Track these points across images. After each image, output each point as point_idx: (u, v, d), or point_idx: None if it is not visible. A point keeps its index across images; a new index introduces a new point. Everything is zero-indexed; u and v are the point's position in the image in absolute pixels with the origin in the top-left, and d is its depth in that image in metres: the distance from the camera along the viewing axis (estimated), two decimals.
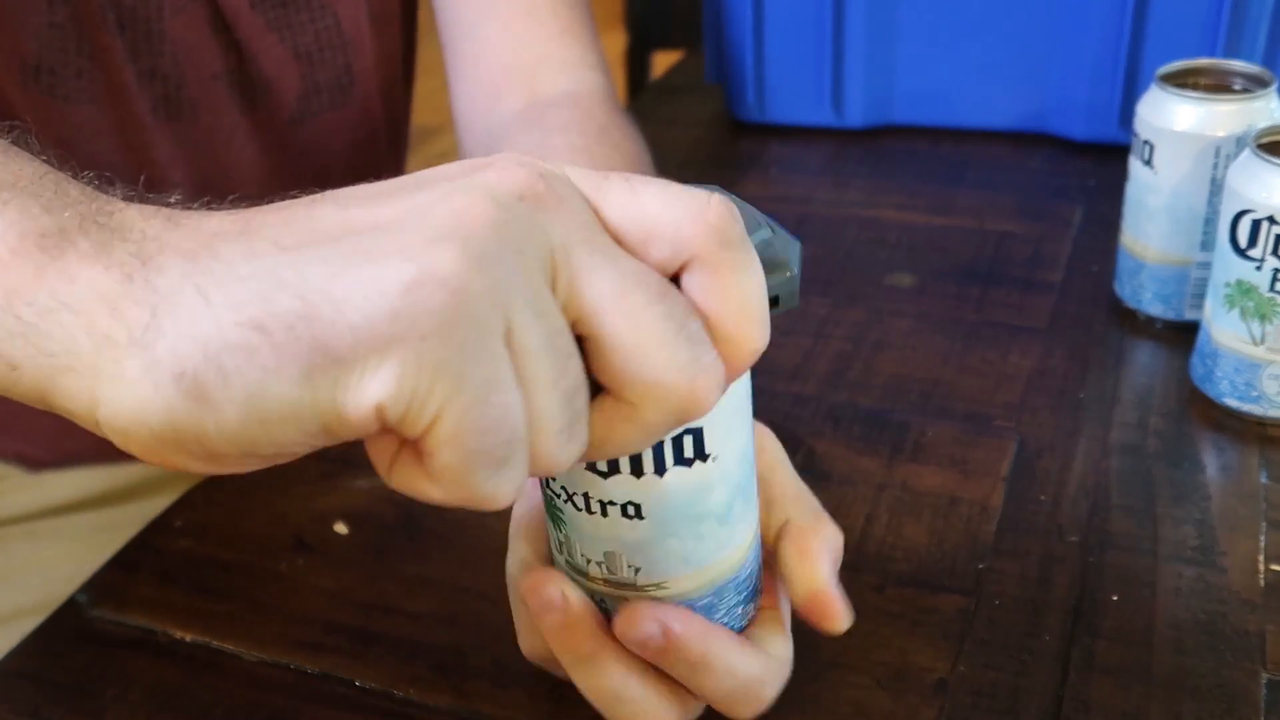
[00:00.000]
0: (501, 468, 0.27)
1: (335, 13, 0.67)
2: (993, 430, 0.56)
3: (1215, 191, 0.59)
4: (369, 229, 0.27)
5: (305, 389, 0.26)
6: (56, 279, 0.27)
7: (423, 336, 0.25)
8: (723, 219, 0.30)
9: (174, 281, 0.27)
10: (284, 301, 0.26)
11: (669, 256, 0.30)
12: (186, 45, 0.63)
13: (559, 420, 0.28)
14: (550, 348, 0.28)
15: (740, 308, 0.30)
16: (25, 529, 0.70)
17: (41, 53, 0.59)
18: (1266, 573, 0.47)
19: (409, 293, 0.26)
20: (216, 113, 0.66)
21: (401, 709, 0.44)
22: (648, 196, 0.30)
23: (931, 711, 0.42)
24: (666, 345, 0.29)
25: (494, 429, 0.27)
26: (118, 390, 0.27)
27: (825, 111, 0.87)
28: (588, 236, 0.29)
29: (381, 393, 0.26)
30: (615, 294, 0.29)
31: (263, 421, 0.26)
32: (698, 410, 0.30)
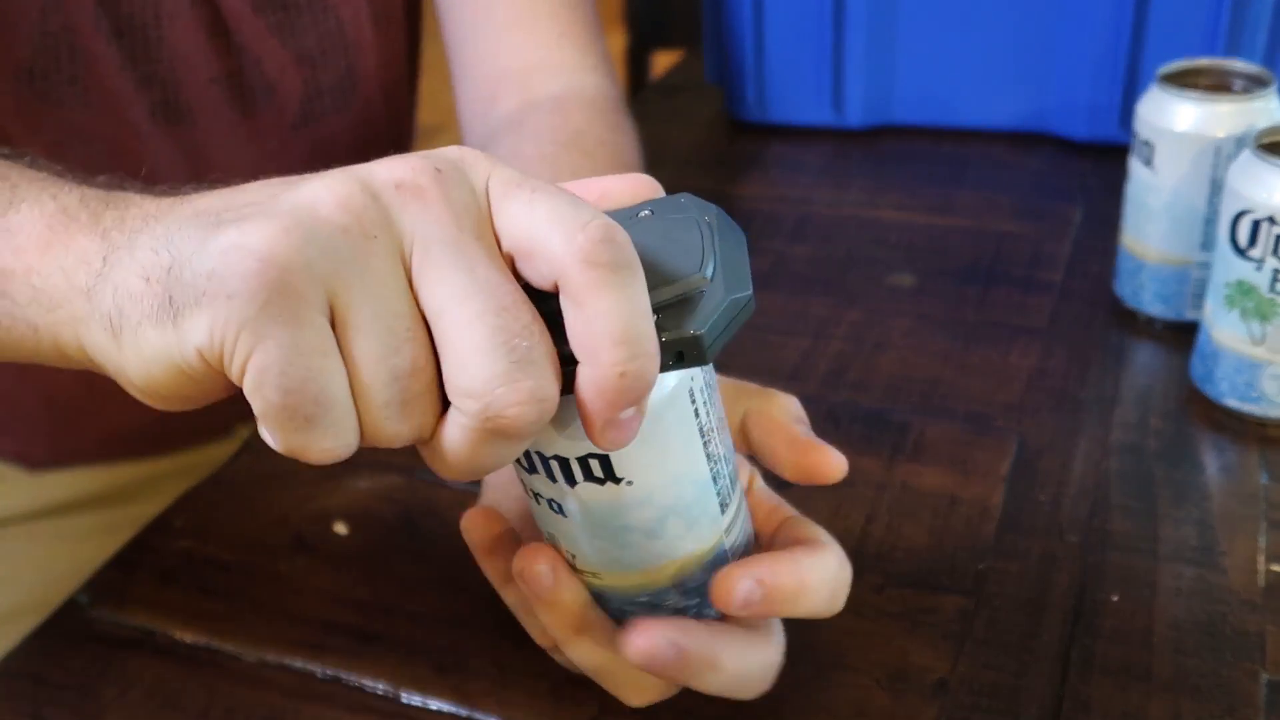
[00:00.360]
0: (311, 426, 0.30)
1: (338, 15, 0.67)
2: (993, 430, 0.56)
3: (1215, 191, 0.59)
4: (247, 202, 0.31)
5: (159, 331, 0.30)
6: (59, 251, 0.33)
7: (229, 296, 0.28)
8: (593, 242, 0.29)
9: (123, 240, 0.32)
10: (162, 257, 0.30)
11: (545, 274, 0.30)
12: (184, 50, 0.63)
13: (382, 395, 0.30)
14: (378, 327, 0.30)
15: (601, 330, 0.29)
16: (25, 529, 0.70)
17: (35, 59, 0.59)
18: (1266, 573, 0.47)
19: (224, 255, 0.29)
20: (213, 117, 0.65)
21: (401, 709, 0.44)
22: (540, 211, 0.31)
23: (931, 711, 0.42)
24: (483, 357, 0.29)
25: (297, 389, 0.29)
26: (89, 335, 0.33)
27: (825, 111, 0.87)
28: (453, 236, 0.30)
29: (198, 339, 0.29)
30: (454, 297, 0.30)
31: (144, 360, 0.31)
32: (510, 429, 0.30)
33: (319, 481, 0.55)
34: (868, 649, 0.45)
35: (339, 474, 0.55)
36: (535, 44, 0.66)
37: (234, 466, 0.56)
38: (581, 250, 0.29)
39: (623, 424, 0.30)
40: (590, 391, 0.30)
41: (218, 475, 0.56)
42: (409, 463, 0.55)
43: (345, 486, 0.54)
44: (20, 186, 0.36)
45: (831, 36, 0.83)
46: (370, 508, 0.53)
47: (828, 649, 0.45)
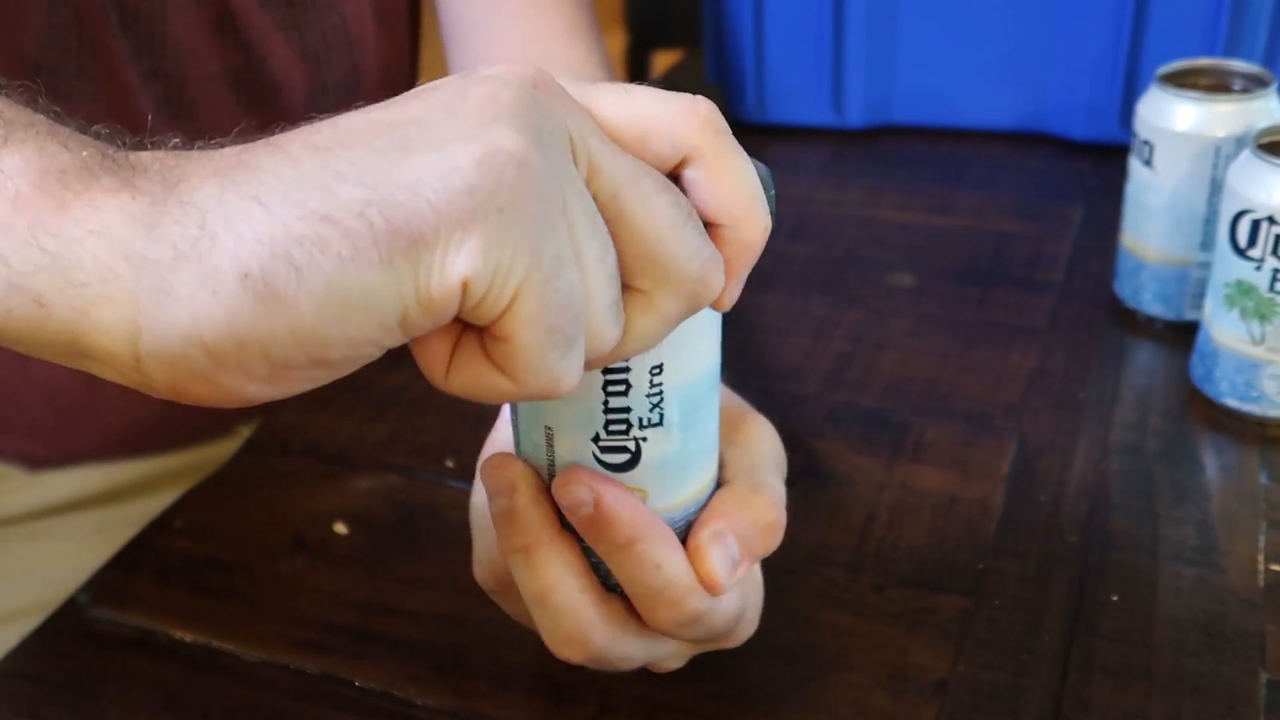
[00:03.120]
0: (571, 346, 0.28)
1: (342, 12, 0.67)
2: (993, 430, 0.56)
3: (1215, 191, 0.59)
4: (410, 122, 0.27)
5: (387, 273, 0.25)
6: (82, 210, 0.26)
7: (501, 209, 0.26)
8: (714, 112, 0.31)
9: (213, 195, 0.26)
10: (348, 191, 0.25)
11: (669, 152, 0.31)
12: (191, 45, 0.63)
13: (607, 296, 0.29)
14: (593, 225, 0.28)
15: (744, 192, 0.31)
16: (25, 529, 0.70)
17: (42, 52, 0.59)
18: (1266, 573, 0.47)
19: (481, 167, 0.26)
20: (219, 112, 0.66)
21: (401, 709, 0.44)
22: (640, 96, 0.31)
23: (931, 711, 0.42)
24: (679, 230, 0.30)
25: (566, 304, 0.27)
26: (166, 310, 0.25)
27: (825, 111, 0.87)
28: (595, 129, 0.30)
29: (467, 267, 0.26)
30: (628, 180, 0.29)
31: (341, 316, 0.26)
32: (709, 295, 0.31)
33: (319, 481, 0.55)
34: (868, 649, 0.45)
35: (339, 474, 0.55)
36: (544, 39, 0.66)
37: (234, 466, 0.56)
38: (708, 120, 0.31)
39: (744, 281, 0.32)
40: (738, 250, 0.31)
41: (218, 475, 0.56)
42: (409, 463, 0.55)
43: (345, 486, 0.54)
44: (17, 124, 0.28)
45: (831, 36, 0.83)
46: (370, 508, 0.53)
47: (828, 649, 0.45)
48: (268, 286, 0.25)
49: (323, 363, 0.27)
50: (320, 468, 0.55)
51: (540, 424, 0.36)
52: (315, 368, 0.27)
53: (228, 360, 0.26)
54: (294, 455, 0.56)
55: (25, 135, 0.28)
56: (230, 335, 0.25)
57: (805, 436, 0.56)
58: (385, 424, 0.58)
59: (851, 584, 0.48)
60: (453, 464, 0.55)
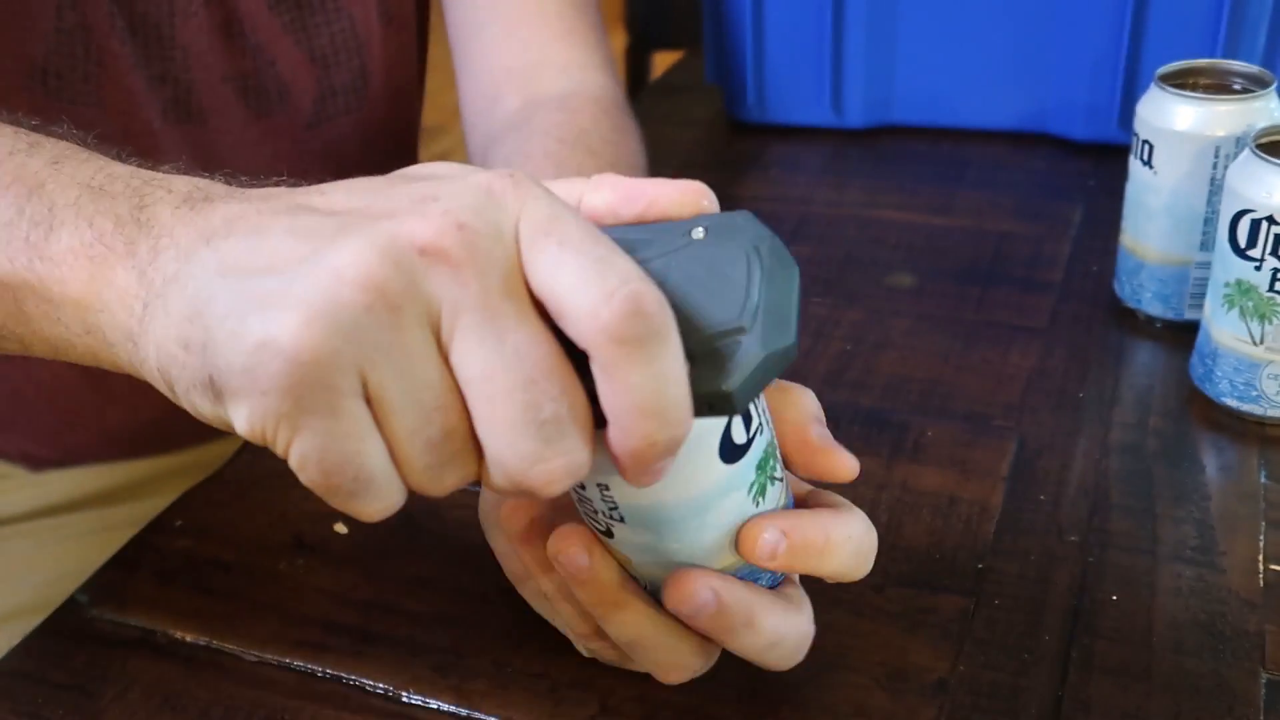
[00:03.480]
0: (355, 497, 0.31)
1: (350, 15, 0.67)
2: (993, 430, 0.56)
3: (1215, 191, 0.59)
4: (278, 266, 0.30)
5: (209, 404, 0.31)
6: (102, 285, 0.34)
7: (263, 393, 0.29)
8: (619, 316, 0.29)
9: (159, 285, 0.32)
10: (199, 328, 0.31)
11: (575, 338, 0.30)
12: (198, 50, 0.63)
13: (421, 461, 0.31)
14: (411, 403, 0.30)
15: (631, 403, 0.29)
16: (25, 529, 0.70)
17: (49, 57, 0.59)
18: (1266, 573, 0.47)
19: (255, 353, 0.29)
20: (226, 116, 0.65)
21: (401, 709, 0.44)
22: (566, 271, 0.30)
23: (931, 711, 0.42)
24: (514, 432, 0.30)
25: (338, 469, 0.30)
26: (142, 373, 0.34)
27: (825, 111, 0.87)
28: (482, 302, 0.30)
29: (241, 426, 0.30)
30: (483, 371, 0.30)
31: (203, 417, 0.32)
32: (537, 494, 0.31)
33: None
34: (868, 649, 0.45)
35: None
36: (541, 42, 0.66)
37: (234, 466, 0.56)
38: (607, 326, 0.29)
39: (654, 472, 0.31)
40: (620, 451, 0.31)
41: (218, 475, 0.56)
42: None
43: None
44: (58, 206, 0.35)
45: (831, 37, 0.83)
46: None
47: (828, 649, 0.45)
48: (165, 383, 0.33)
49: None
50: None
51: None
52: None
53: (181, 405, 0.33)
54: None
55: (64, 215, 0.35)
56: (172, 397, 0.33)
57: None
58: None
59: (851, 584, 0.48)
60: None
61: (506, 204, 0.31)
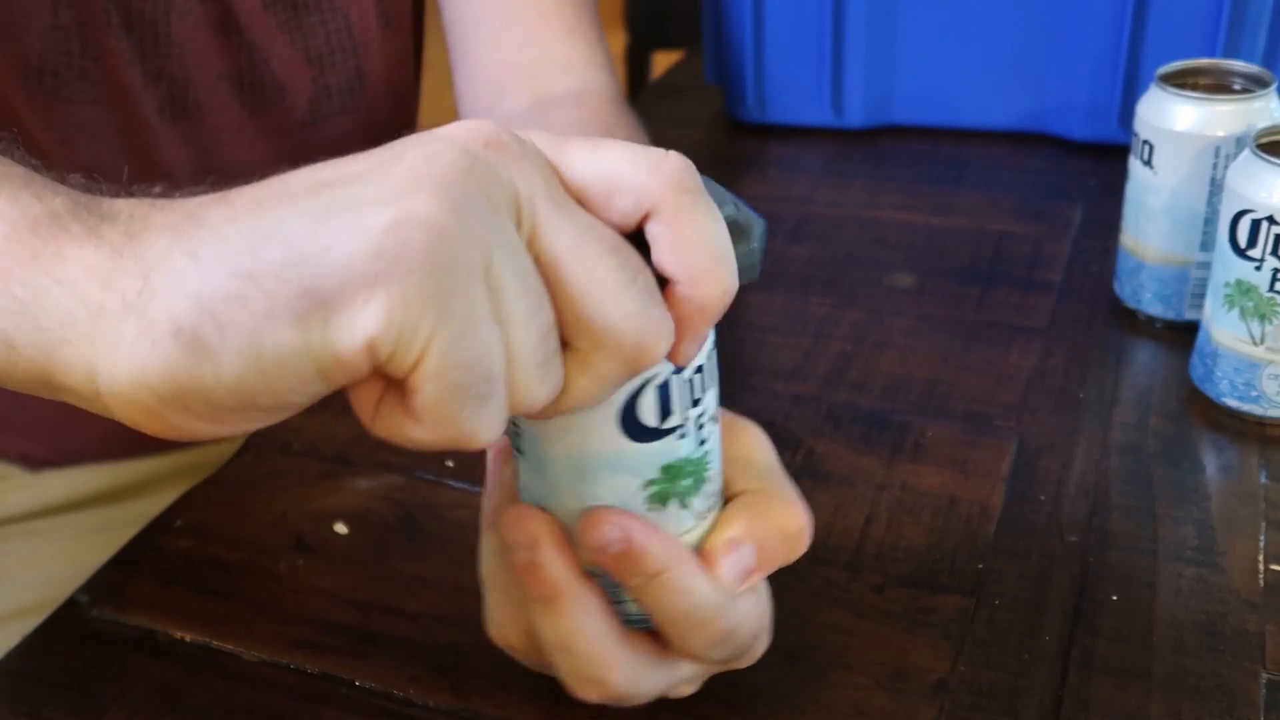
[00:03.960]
0: (483, 404, 0.29)
1: (346, 15, 0.67)
2: (993, 430, 0.56)
3: (1215, 191, 0.59)
4: (342, 182, 0.29)
5: (299, 331, 0.27)
6: (50, 259, 0.29)
7: (407, 272, 0.27)
8: (679, 169, 0.31)
9: (162, 250, 0.28)
10: (271, 251, 0.27)
11: (631, 207, 0.31)
12: (194, 47, 0.63)
13: (535, 357, 0.29)
14: (524, 286, 0.29)
15: (702, 251, 0.31)
16: (25, 529, 0.70)
17: (44, 54, 0.59)
18: (1266, 573, 0.47)
19: (390, 232, 0.27)
20: (222, 113, 0.65)
21: (401, 709, 0.44)
22: (609, 152, 0.31)
23: (931, 711, 0.42)
24: (618, 294, 0.30)
25: (476, 363, 0.28)
26: (115, 355, 0.28)
27: (825, 111, 0.87)
28: (548, 190, 0.30)
29: (371, 328, 0.27)
30: (572, 243, 0.30)
31: (260, 369, 0.27)
32: (647, 360, 0.31)
33: (319, 481, 0.55)
34: (868, 649, 0.45)
35: (339, 474, 0.55)
36: (543, 39, 0.66)
37: (234, 466, 0.56)
38: (671, 177, 0.31)
39: (703, 339, 0.32)
40: (693, 309, 0.31)
41: (218, 475, 0.56)
42: (409, 463, 0.55)
43: (345, 486, 0.54)
44: None
45: (831, 37, 0.83)
46: (370, 508, 0.53)
47: (828, 649, 0.45)
48: (196, 340, 0.27)
49: (257, 408, 0.28)
50: (320, 468, 0.55)
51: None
52: (252, 411, 0.29)
53: (171, 403, 0.28)
54: (294, 455, 0.56)
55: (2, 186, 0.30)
56: (170, 382, 0.27)
57: (805, 436, 0.56)
58: None
59: (851, 584, 0.48)
60: (453, 464, 0.55)
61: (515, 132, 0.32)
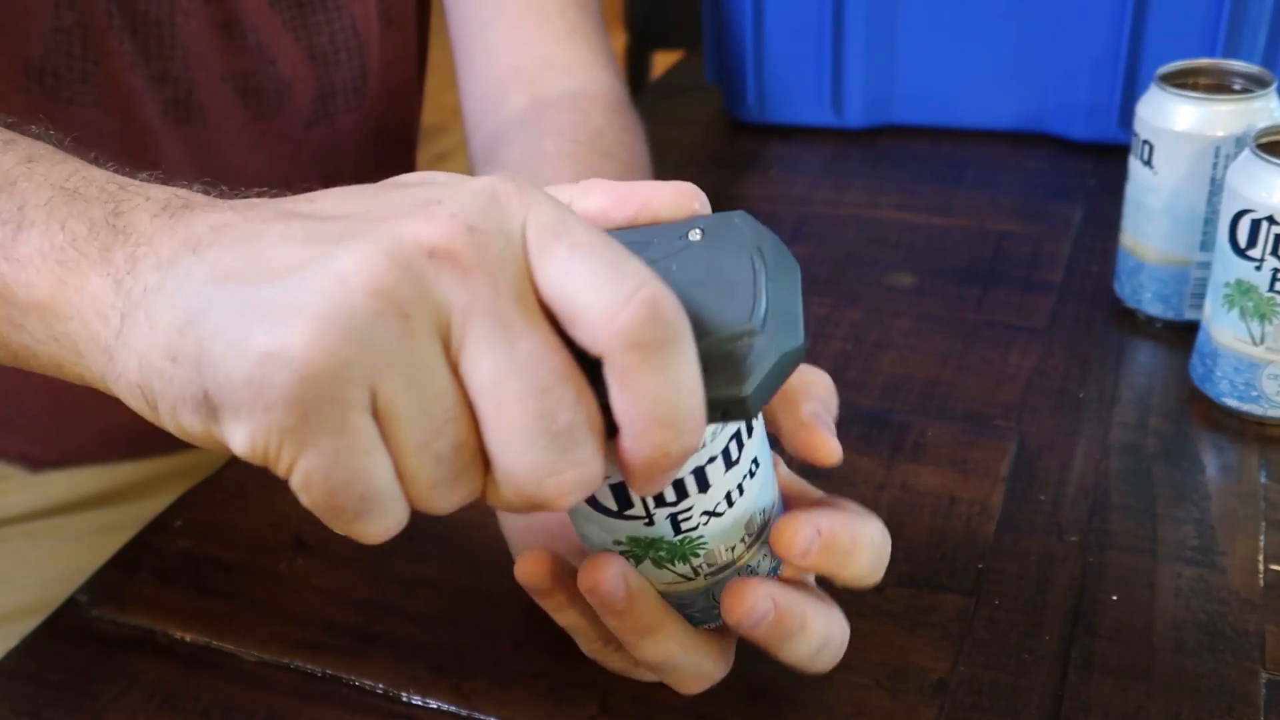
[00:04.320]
0: (360, 517, 0.29)
1: (350, 14, 0.67)
2: (993, 430, 0.56)
3: (1215, 191, 0.59)
4: (279, 272, 0.29)
5: (199, 421, 0.30)
6: (73, 292, 0.32)
7: (267, 408, 0.28)
8: (638, 322, 0.28)
9: (140, 291, 0.31)
10: (190, 340, 0.29)
11: (588, 345, 0.29)
12: (198, 49, 0.63)
13: (430, 478, 0.30)
14: (421, 414, 0.29)
15: (646, 411, 0.29)
16: (25, 529, 0.70)
17: (46, 56, 0.59)
18: (1266, 573, 0.47)
19: (260, 365, 0.27)
20: (225, 116, 0.65)
21: (401, 709, 0.44)
22: (578, 275, 0.29)
23: (931, 711, 0.42)
24: (526, 439, 0.29)
25: (344, 488, 0.28)
26: (118, 389, 0.32)
27: (825, 111, 0.87)
28: (493, 307, 0.29)
29: (240, 444, 0.29)
30: (494, 378, 0.29)
31: (187, 434, 0.30)
32: (548, 507, 0.30)
33: None
34: (868, 649, 0.45)
35: None
36: (546, 41, 0.66)
37: (234, 466, 0.56)
38: (624, 332, 0.28)
39: (660, 483, 0.31)
40: (632, 460, 0.29)
41: (218, 475, 0.56)
42: None
43: None
44: (29, 205, 0.33)
45: (831, 36, 0.83)
46: None
47: None
48: (146, 400, 0.31)
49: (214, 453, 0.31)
50: None
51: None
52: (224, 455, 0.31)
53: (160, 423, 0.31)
54: None
55: (35, 215, 0.33)
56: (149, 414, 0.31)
57: None
58: None
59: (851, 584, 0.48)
60: None
61: (512, 208, 0.30)
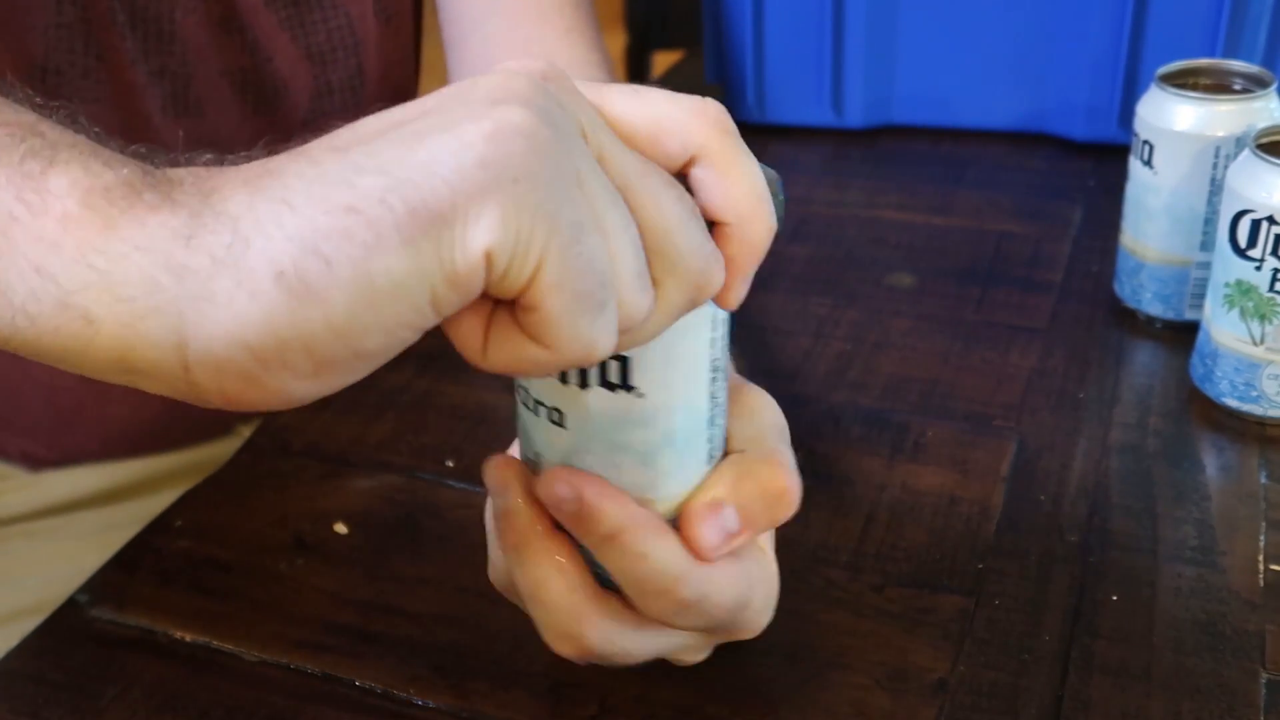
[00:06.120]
0: (602, 311, 0.28)
1: (347, 12, 0.67)
2: (993, 430, 0.56)
3: (1215, 191, 0.59)
4: (421, 115, 0.28)
5: (410, 255, 0.26)
6: (128, 226, 0.27)
7: (515, 179, 0.27)
8: (721, 113, 0.32)
9: (244, 202, 0.27)
10: (367, 181, 0.26)
11: (678, 150, 0.31)
12: (197, 43, 0.63)
13: (634, 264, 0.29)
14: (611, 196, 0.29)
15: (750, 191, 0.31)
16: (25, 529, 0.70)
17: (48, 52, 0.59)
18: (1266, 573, 0.47)
19: (491, 141, 0.27)
20: (223, 111, 0.66)
21: (401, 709, 0.44)
22: (651, 96, 0.32)
23: (931, 711, 0.42)
24: (684, 224, 0.30)
25: (590, 269, 0.28)
26: (209, 315, 0.26)
27: (825, 111, 0.87)
28: (600, 120, 0.31)
29: (487, 239, 0.26)
30: (638, 172, 0.30)
31: (372, 302, 0.26)
32: (710, 289, 0.31)
33: (319, 481, 0.55)
34: (868, 649, 0.45)
35: (339, 474, 0.55)
36: (542, 39, 0.66)
37: (234, 466, 0.56)
38: (716, 121, 0.31)
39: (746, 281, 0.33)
40: (744, 248, 0.32)
41: (218, 475, 0.56)
42: (409, 463, 0.55)
43: (345, 486, 0.54)
44: (61, 146, 0.29)
45: (831, 37, 0.83)
46: (370, 508, 0.53)
47: (827, 649, 0.45)
48: (301, 282, 0.26)
49: (362, 353, 0.27)
50: (320, 468, 0.55)
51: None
52: (356, 359, 0.28)
53: (271, 360, 0.27)
54: (294, 455, 0.56)
55: (70, 156, 0.29)
56: (271, 334, 0.26)
57: (805, 436, 0.56)
58: (385, 424, 0.58)
59: (851, 584, 0.48)
60: (453, 464, 0.55)
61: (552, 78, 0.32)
